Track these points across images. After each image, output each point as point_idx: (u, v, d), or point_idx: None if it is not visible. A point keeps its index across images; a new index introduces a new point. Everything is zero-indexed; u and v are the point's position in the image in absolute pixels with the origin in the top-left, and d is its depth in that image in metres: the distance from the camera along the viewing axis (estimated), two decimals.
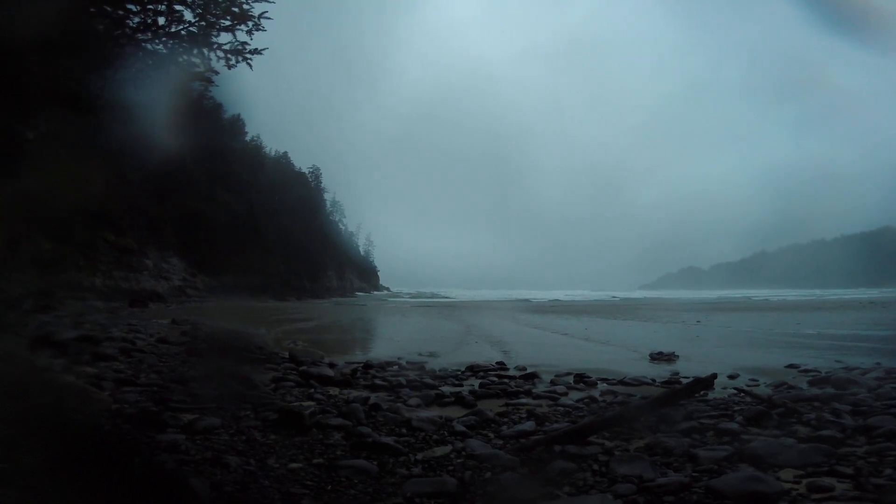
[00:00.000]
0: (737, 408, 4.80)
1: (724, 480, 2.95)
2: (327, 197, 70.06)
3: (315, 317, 21.46)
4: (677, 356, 8.96)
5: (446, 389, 6.06)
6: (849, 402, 4.74)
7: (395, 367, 7.71)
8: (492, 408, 5.05)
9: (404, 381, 6.38)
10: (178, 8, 4.87)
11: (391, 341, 13.40)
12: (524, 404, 5.34)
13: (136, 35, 4.86)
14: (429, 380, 6.64)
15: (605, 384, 6.61)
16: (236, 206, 45.78)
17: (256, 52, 5.23)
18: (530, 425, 4.41)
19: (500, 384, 6.36)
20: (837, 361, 7.97)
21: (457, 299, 50.25)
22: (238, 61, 5.21)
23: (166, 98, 5.23)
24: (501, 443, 3.97)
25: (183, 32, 4.95)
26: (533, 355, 9.20)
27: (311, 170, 67.44)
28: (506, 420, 4.65)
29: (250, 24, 5.05)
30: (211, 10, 4.93)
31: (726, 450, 3.55)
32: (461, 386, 6.40)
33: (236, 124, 52.56)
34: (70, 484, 2.38)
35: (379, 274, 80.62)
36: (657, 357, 8.95)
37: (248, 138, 56.66)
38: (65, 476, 2.42)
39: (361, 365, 7.49)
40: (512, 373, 7.35)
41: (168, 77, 5.11)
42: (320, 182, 68.42)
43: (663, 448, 3.62)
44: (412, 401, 5.44)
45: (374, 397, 5.37)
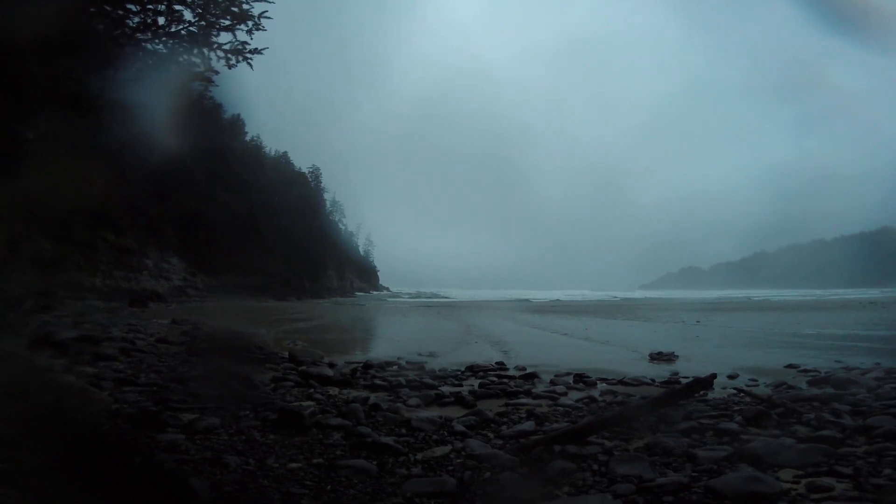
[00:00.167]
0: (736, 408, 4.81)
1: (724, 480, 2.96)
2: (327, 197, 70.26)
3: (315, 317, 21.47)
4: (677, 356, 8.96)
5: (446, 389, 6.06)
6: (848, 403, 4.74)
7: (395, 367, 7.71)
8: (491, 408, 5.05)
9: (404, 381, 6.38)
10: (177, 8, 4.86)
11: (391, 341, 13.40)
12: (524, 404, 5.34)
13: (136, 35, 4.86)
14: (428, 380, 6.64)
15: (604, 384, 6.61)
16: (236, 206, 45.81)
17: (256, 51, 5.23)
18: (530, 425, 4.41)
19: (500, 384, 6.36)
20: (837, 361, 7.97)
21: (456, 299, 50.25)
22: (238, 61, 5.20)
23: (166, 98, 5.23)
24: (501, 443, 3.97)
25: (183, 32, 4.95)
26: (533, 355, 9.21)
27: (310, 170, 67.64)
28: (505, 420, 4.66)
29: (250, 23, 5.04)
30: (211, 10, 4.92)
31: (726, 450, 3.55)
32: (461, 386, 6.40)
33: (236, 124, 52.66)
34: (70, 484, 2.38)
35: (379, 274, 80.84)
36: (657, 357, 8.95)
37: (247, 138, 56.82)
38: (65, 476, 2.42)
39: (361, 365, 7.49)
40: (511, 373, 7.35)
41: (168, 77, 5.10)
42: (320, 182, 68.61)
43: (663, 448, 3.63)
44: (412, 401, 5.44)
45: (373, 397, 5.37)
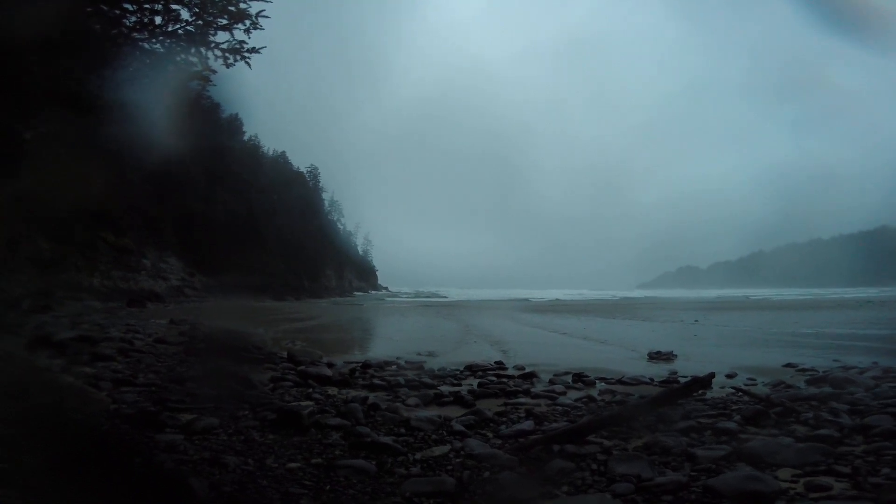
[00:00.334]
0: (735, 407, 4.81)
1: (723, 479, 2.96)
2: (326, 196, 70.16)
3: (313, 316, 21.45)
4: (675, 355, 8.96)
5: (445, 389, 6.06)
6: (846, 402, 4.75)
7: (394, 366, 7.71)
8: (490, 407, 5.05)
9: (403, 381, 6.37)
10: (174, 7, 4.86)
11: (389, 341, 13.39)
12: (523, 404, 5.34)
13: (133, 34, 4.85)
14: (427, 379, 6.63)
15: (603, 383, 6.61)
16: (235, 206, 45.76)
17: (254, 50, 5.21)
18: (529, 425, 4.41)
19: (499, 383, 6.36)
20: (835, 361, 7.98)
21: (456, 299, 50.23)
22: (236, 60, 5.19)
23: (164, 98, 5.21)
24: (500, 442, 3.97)
25: (180, 31, 4.94)
26: (531, 354, 9.20)
27: (309, 169, 67.55)
28: (504, 419, 4.66)
29: (247, 22, 5.03)
30: (208, 9, 4.91)
31: (724, 449, 3.56)
32: (460, 385, 6.39)
33: (234, 124, 52.51)
34: (70, 484, 2.38)
35: (377, 273, 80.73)
36: (655, 356, 8.96)
37: (245, 138, 56.69)
38: (65, 476, 2.42)
39: (360, 364, 7.48)
40: (510, 372, 7.34)
41: (165, 76, 5.09)
42: (319, 182, 68.53)
43: (661, 447, 3.63)
44: (411, 400, 5.44)
45: (372, 397, 5.37)
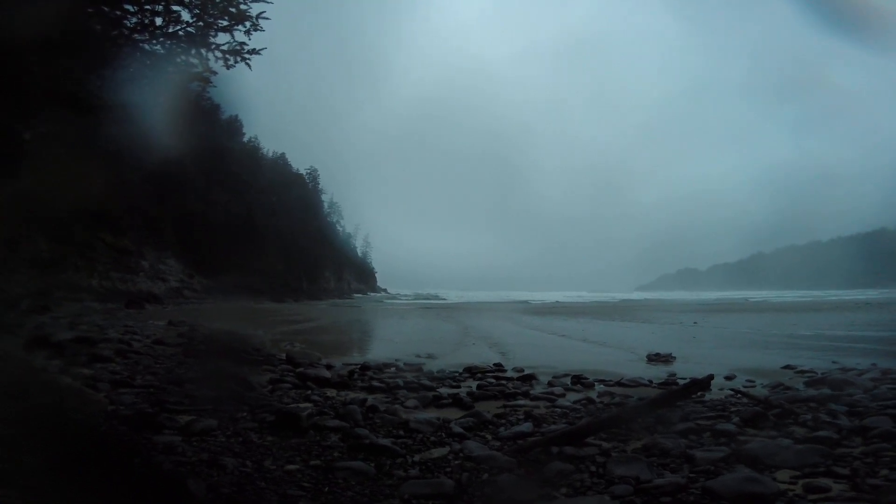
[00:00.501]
0: (733, 409, 4.82)
1: (721, 481, 2.96)
2: (325, 198, 70.08)
3: (312, 318, 21.43)
4: (674, 357, 8.98)
5: (444, 391, 6.06)
6: (845, 403, 4.76)
7: (393, 368, 7.71)
8: (489, 409, 5.06)
9: (402, 383, 6.37)
10: (175, 8, 4.85)
11: (389, 343, 13.38)
12: (522, 406, 5.35)
13: (133, 35, 4.84)
14: (426, 381, 6.63)
15: (602, 385, 6.62)
16: (234, 207, 45.73)
17: (255, 52, 5.21)
18: (528, 427, 4.41)
19: (498, 386, 6.36)
20: (834, 362, 7.99)
21: (455, 301, 50.20)
22: (236, 62, 5.18)
23: (164, 99, 5.21)
24: (499, 444, 3.98)
25: (180, 33, 4.93)
26: (531, 357, 9.21)
27: (308, 171, 67.50)
28: (503, 421, 4.66)
29: (248, 24, 5.03)
30: (208, 11, 4.91)
31: (723, 451, 3.56)
32: (459, 387, 6.39)
33: (234, 125, 52.52)
34: (70, 484, 2.38)
35: (377, 275, 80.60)
36: (654, 358, 8.97)
37: (245, 139, 56.66)
38: (65, 476, 2.42)
39: (359, 366, 7.48)
40: (510, 374, 7.35)
41: (166, 78, 5.08)
42: (318, 183, 68.46)
43: (660, 449, 3.63)
44: (410, 402, 5.43)
45: (371, 399, 5.37)
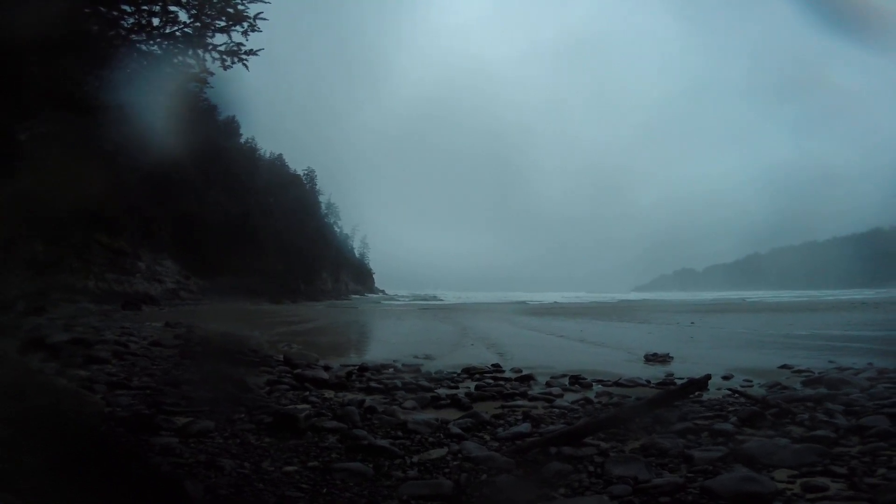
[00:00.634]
0: (731, 408, 4.83)
1: (719, 481, 2.97)
2: (322, 199, 69.96)
3: (310, 319, 21.40)
4: (672, 357, 9.00)
5: (442, 392, 6.05)
6: (842, 403, 4.77)
7: (391, 369, 7.70)
8: (488, 410, 5.06)
9: (400, 384, 6.36)
10: (172, 9, 4.84)
11: (387, 344, 13.36)
12: (520, 406, 5.35)
13: (131, 36, 4.83)
14: (424, 382, 6.63)
15: (600, 386, 6.62)
16: (231, 208, 45.58)
17: (252, 52, 5.20)
18: (526, 427, 4.41)
19: (496, 386, 6.36)
20: (830, 362, 8.02)
21: (453, 302, 50.19)
22: (234, 62, 5.17)
23: (161, 99, 5.19)
24: (497, 445, 3.98)
25: (178, 33, 4.91)
26: (529, 357, 9.21)
27: (305, 172, 67.40)
28: (501, 422, 4.66)
29: (245, 24, 5.02)
30: (205, 11, 4.89)
31: (721, 450, 3.57)
32: (457, 388, 6.39)
33: (231, 125, 52.34)
34: (70, 484, 2.37)
35: (374, 276, 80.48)
36: (652, 358, 8.98)
37: (242, 140, 56.53)
38: (64, 476, 2.41)
39: (357, 367, 7.47)
40: (508, 375, 7.35)
41: (163, 78, 5.07)
42: (315, 184, 68.37)
43: (658, 449, 3.64)
44: (408, 403, 5.43)
45: (369, 400, 5.36)
